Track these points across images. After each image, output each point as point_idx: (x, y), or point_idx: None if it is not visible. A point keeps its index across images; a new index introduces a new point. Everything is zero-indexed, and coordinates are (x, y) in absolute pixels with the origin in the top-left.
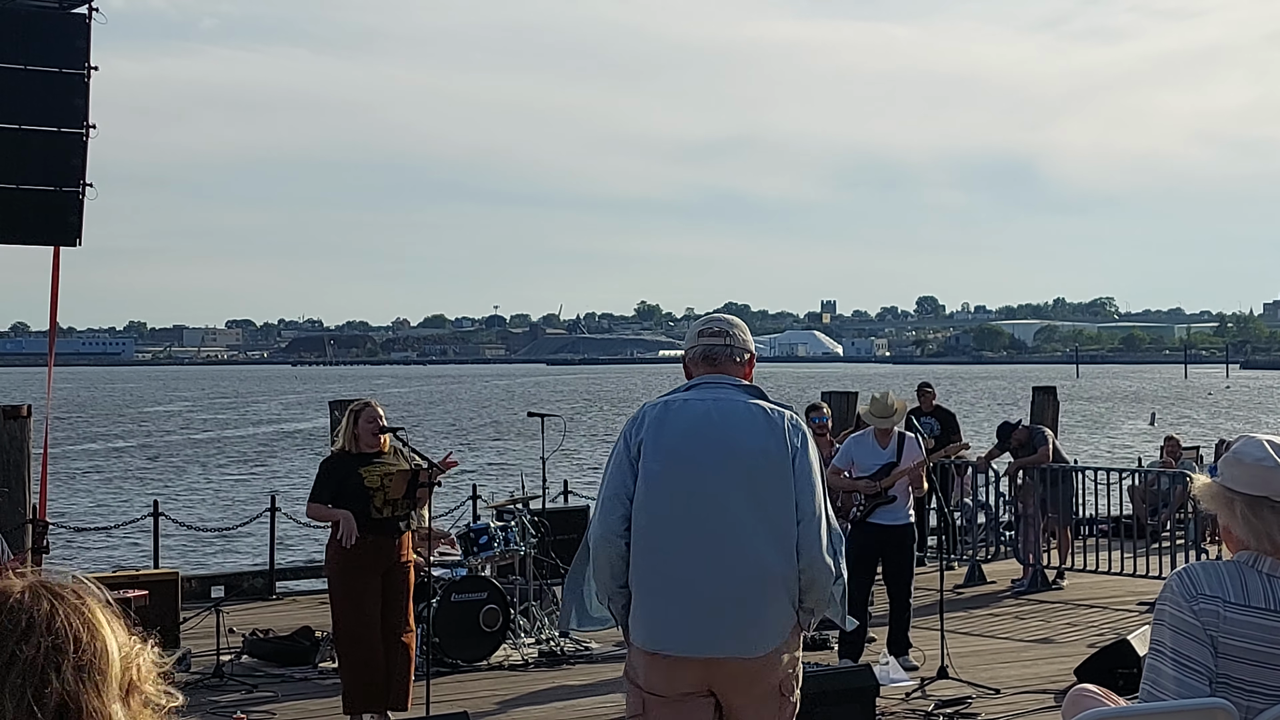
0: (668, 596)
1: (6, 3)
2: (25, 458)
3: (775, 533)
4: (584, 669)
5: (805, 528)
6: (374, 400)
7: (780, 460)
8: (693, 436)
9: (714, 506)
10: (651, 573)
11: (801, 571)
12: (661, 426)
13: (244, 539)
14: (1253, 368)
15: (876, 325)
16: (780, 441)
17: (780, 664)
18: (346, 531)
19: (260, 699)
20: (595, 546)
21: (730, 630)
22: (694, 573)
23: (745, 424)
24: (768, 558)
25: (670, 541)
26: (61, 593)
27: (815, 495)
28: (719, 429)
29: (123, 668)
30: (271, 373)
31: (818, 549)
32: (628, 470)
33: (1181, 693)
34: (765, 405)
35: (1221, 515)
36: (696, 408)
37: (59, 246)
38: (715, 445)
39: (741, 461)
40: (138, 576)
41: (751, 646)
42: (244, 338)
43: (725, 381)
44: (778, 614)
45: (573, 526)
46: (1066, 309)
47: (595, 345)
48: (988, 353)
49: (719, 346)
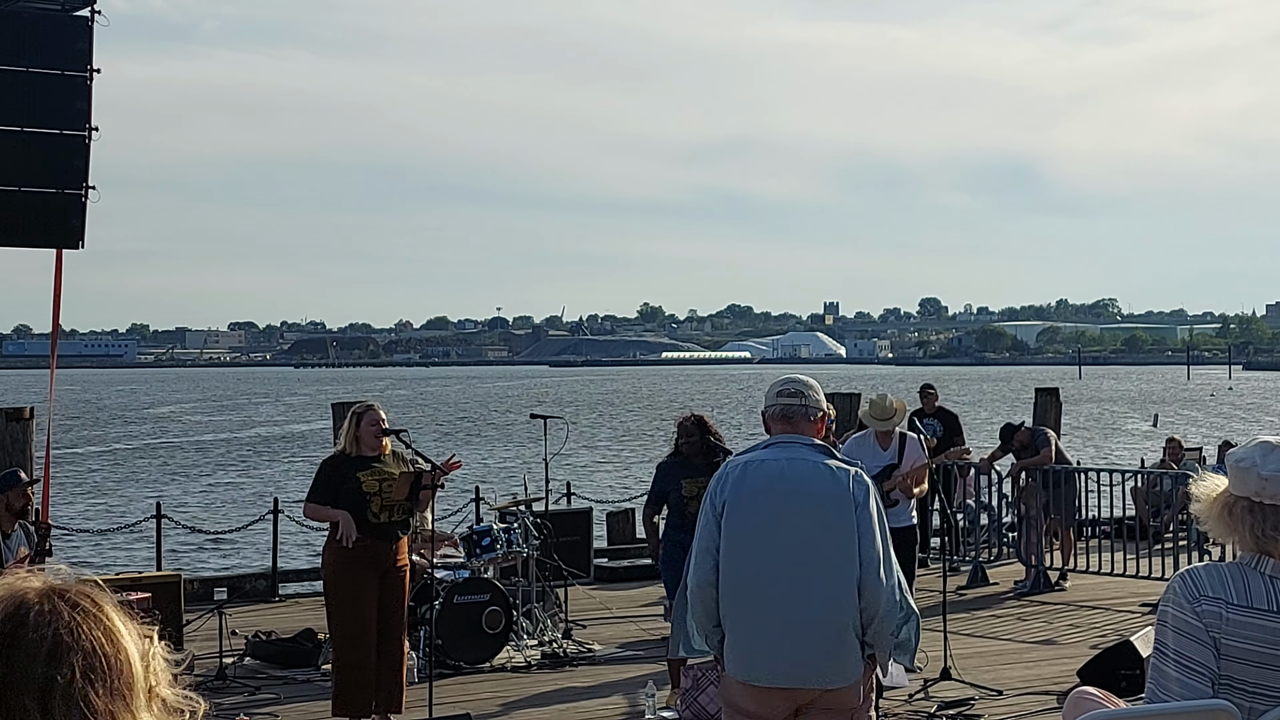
0: (754, 635)
1: (9, 5)
2: (28, 460)
3: (840, 577)
4: (587, 670)
5: (866, 572)
6: (376, 403)
7: (844, 513)
8: (768, 494)
9: (787, 555)
10: (739, 615)
11: (863, 611)
12: (741, 486)
13: (246, 541)
14: (1255, 369)
15: (879, 326)
16: (845, 496)
17: (855, 694)
18: (346, 531)
19: (263, 701)
20: (691, 594)
21: (807, 663)
22: (773, 614)
23: (814, 481)
24: (835, 600)
25: (752, 587)
26: (78, 600)
27: (876, 543)
28: (791, 486)
29: (144, 674)
30: (274, 375)
31: (878, 591)
32: (714, 527)
33: (1185, 694)
34: (832, 463)
35: (1220, 519)
36: (771, 467)
37: (61, 249)
38: (787, 501)
39: (810, 515)
40: (140, 579)
41: (827, 678)
42: (246, 340)
43: (798, 441)
44: (847, 649)
45: (575, 528)
46: (1069, 310)
47: (598, 347)
48: (990, 354)
49: (794, 407)
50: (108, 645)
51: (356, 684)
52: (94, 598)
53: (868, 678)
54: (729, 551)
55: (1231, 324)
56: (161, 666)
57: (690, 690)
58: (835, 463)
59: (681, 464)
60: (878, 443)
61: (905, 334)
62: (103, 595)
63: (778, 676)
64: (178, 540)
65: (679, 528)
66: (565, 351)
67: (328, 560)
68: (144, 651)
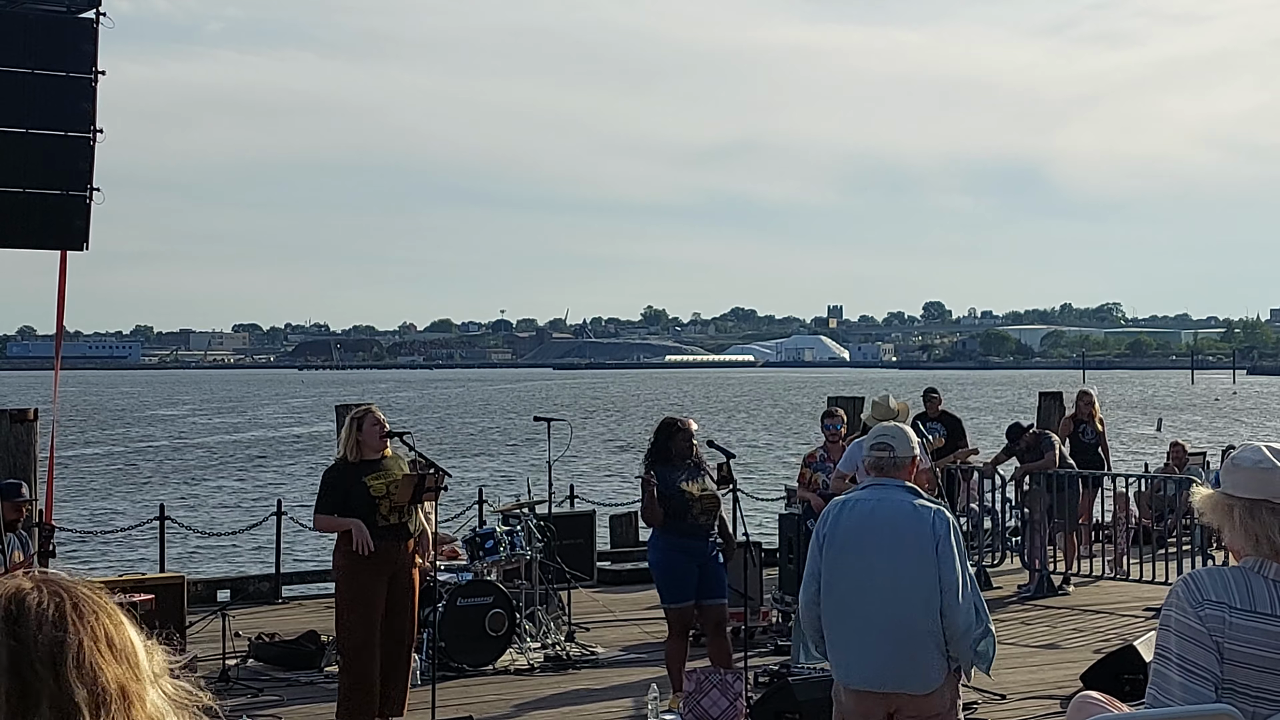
0: (849, 646)
1: (14, 7)
2: (32, 461)
3: (923, 598)
4: (590, 673)
5: (947, 595)
6: (373, 405)
7: (926, 544)
8: (861, 528)
9: (876, 579)
10: (838, 630)
11: (945, 628)
12: (839, 521)
13: (250, 543)
14: (1259, 373)
15: (883, 330)
16: (927, 529)
17: (941, 700)
18: (361, 540)
19: (266, 703)
20: (800, 613)
21: (892, 671)
22: (864, 628)
23: (899, 517)
24: (916, 617)
25: (847, 606)
26: (77, 588)
27: (954, 570)
28: (880, 521)
29: (149, 660)
30: (278, 377)
31: (956, 612)
32: (817, 555)
33: (1187, 698)
34: (918, 502)
35: (1221, 524)
36: (865, 506)
37: (66, 250)
38: (877, 534)
39: (896, 545)
40: (144, 580)
41: (910, 684)
42: (250, 342)
43: (890, 483)
44: (931, 660)
45: (578, 531)
46: (1073, 314)
47: (602, 350)
48: (994, 358)
49: (885, 459)
50: (109, 622)
51: (362, 686)
52: (91, 587)
53: (952, 686)
54: (828, 577)
55: (1236, 328)
56: (162, 660)
57: (693, 694)
58: (921, 501)
59: (676, 466)
60: None
61: (909, 337)
62: (98, 588)
63: (870, 681)
64: (181, 542)
65: (678, 531)
66: (569, 354)
67: (339, 563)
68: (145, 642)
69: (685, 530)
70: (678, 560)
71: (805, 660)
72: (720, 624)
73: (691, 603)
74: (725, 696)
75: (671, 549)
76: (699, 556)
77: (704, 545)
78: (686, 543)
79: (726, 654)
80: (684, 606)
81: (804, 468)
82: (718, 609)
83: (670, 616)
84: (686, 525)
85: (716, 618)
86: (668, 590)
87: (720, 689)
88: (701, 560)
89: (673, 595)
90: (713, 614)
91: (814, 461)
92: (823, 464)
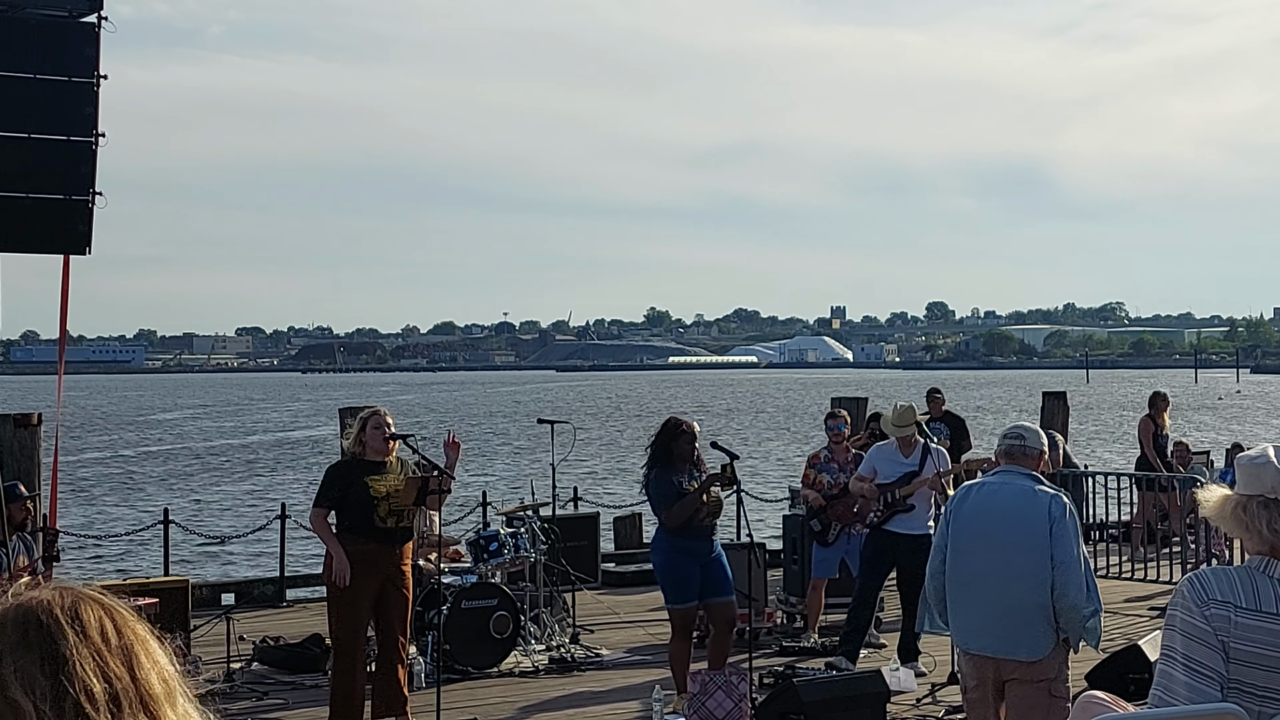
0: (968, 614)
1: (16, 11)
2: (35, 466)
3: (1036, 574)
4: (595, 675)
5: (1059, 572)
6: (382, 408)
7: (1042, 525)
8: (984, 508)
9: (994, 555)
10: (959, 599)
11: (1055, 602)
12: (964, 502)
13: (254, 546)
14: (1263, 372)
15: (886, 331)
16: (1044, 512)
17: (1048, 669)
18: (339, 569)
19: (271, 706)
20: (927, 581)
21: (1006, 639)
22: (983, 599)
23: (1020, 500)
24: (1028, 590)
25: (968, 578)
26: (96, 596)
27: (1068, 549)
28: (1002, 503)
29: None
30: (281, 380)
31: (1070, 588)
32: (945, 531)
33: (1193, 698)
34: (1038, 488)
35: (1217, 520)
36: (990, 489)
37: (69, 255)
38: (998, 514)
39: (1014, 525)
40: (148, 584)
41: (1022, 652)
42: (254, 345)
43: (1016, 470)
44: (1039, 629)
45: (582, 533)
46: (1076, 314)
47: (605, 352)
48: (997, 358)
49: (1015, 446)
50: (126, 630)
51: (349, 687)
52: (104, 592)
53: (1060, 656)
54: (953, 551)
55: (1239, 327)
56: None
57: (698, 695)
58: (1041, 487)
59: (679, 468)
60: (899, 450)
61: (912, 338)
62: (108, 594)
63: (985, 647)
64: (185, 546)
65: (681, 533)
66: (572, 356)
67: (328, 563)
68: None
69: (689, 532)
70: (681, 561)
71: (929, 627)
72: (730, 621)
73: (695, 604)
74: (730, 698)
75: (674, 550)
76: (702, 557)
77: (707, 545)
78: (689, 544)
79: (723, 654)
80: (687, 607)
81: (808, 468)
82: (726, 606)
83: (674, 617)
84: (690, 527)
85: (727, 615)
86: (671, 591)
87: (725, 690)
88: (704, 560)
89: (676, 596)
90: (723, 612)
91: (818, 462)
92: (826, 464)
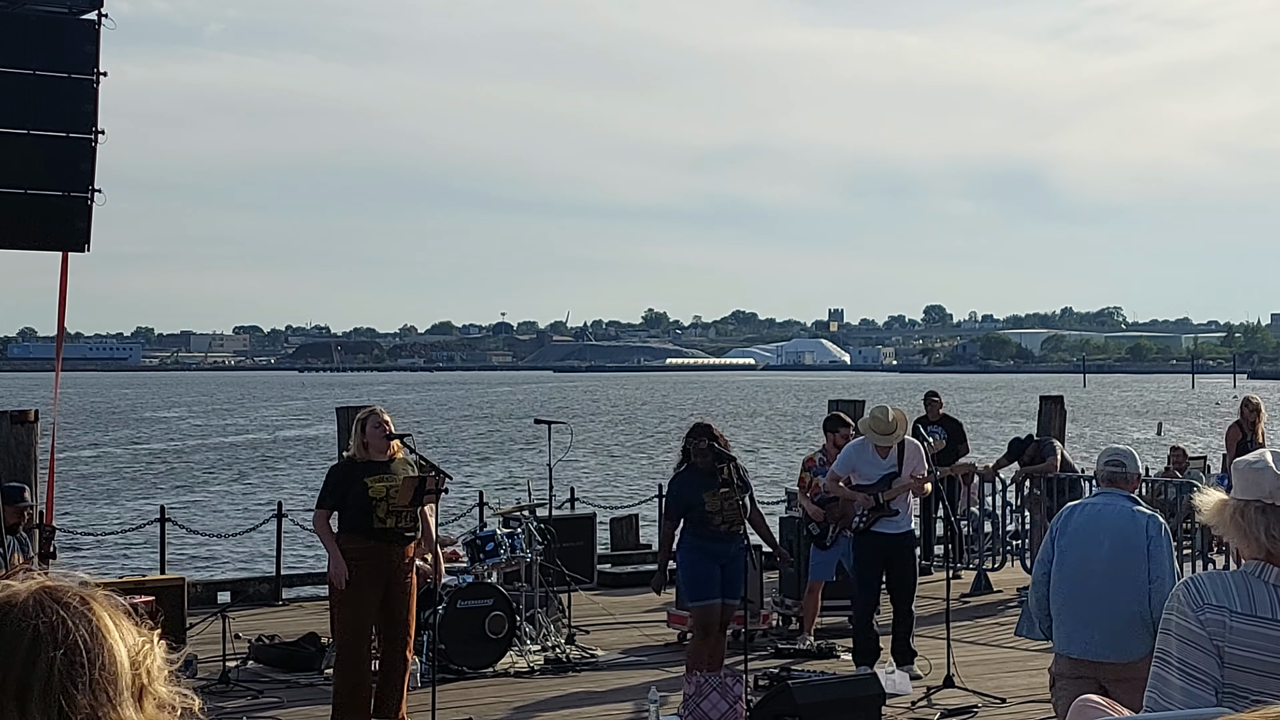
0: (1071, 621)
1: (16, 8)
2: (32, 463)
3: (1134, 586)
4: (590, 676)
5: (1155, 585)
6: (379, 407)
7: (1139, 542)
8: (1088, 527)
9: (1095, 568)
10: (1061, 607)
11: (1152, 612)
12: (1070, 520)
13: (250, 545)
14: (1260, 377)
15: (883, 334)
16: (1141, 531)
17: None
18: (336, 574)
19: (266, 705)
20: (1030, 592)
21: (1106, 644)
22: (1085, 608)
23: (1119, 519)
24: (1128, 601)
25: (1071, 590)
26: (67, 599)
27: (1164, 565)
28: (1103, 522)
29: (133, 672)
30: (278, 379)
31: (1162, 599)
32: (1050, 546)
33: (1187, 702)
34: (1136, 508)
35: (1214, 525)
36: (1092, 509)
37: (67, 252)
38: (1099, 531)
39: (1115, 542)
40: (144, 582)
41: (1120, 653)
42: (251, 344)
43: (1116, 493)
44: (1137, 634)
45: (578, 534)
46: (1074, 318)
47: (602, 352)
48: (995, 362)
49: (1117, 472)
50: (91, 642)
51: (354, 688)
52: (84, 596)
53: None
54: (1059, 565)
55: (1236, 333)
56: (158, 665)
57: (692, 697)
58: (1139, 508)
59: (697, 476)
60: (877, 451)
61: (910, 341)
62: (94, 594)
63: (1086, 651)
64: (181, 544)
65: (699, 535)
66: (569, 357)
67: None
68: (136, 650)
69: (708, 535)
70: (699, 560)
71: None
72: (725, 623)
73: (718, 601)
74: (725, 699)
75: (694, 550)
76: (721, 557)
77: (726, 547)
78: (708, 545)
79: (720, 654)
80: (705, 605)
81: (803, 472)
82: (725, 608)
83: (694, 615)
84: (708, 530)
85: (724, 617)
86: (690, 588)
87: (720, 692)
88: (725, 560)
89: (695, 593)
90: (721, 613)
91: (813, 466)
92: (822, 468)
